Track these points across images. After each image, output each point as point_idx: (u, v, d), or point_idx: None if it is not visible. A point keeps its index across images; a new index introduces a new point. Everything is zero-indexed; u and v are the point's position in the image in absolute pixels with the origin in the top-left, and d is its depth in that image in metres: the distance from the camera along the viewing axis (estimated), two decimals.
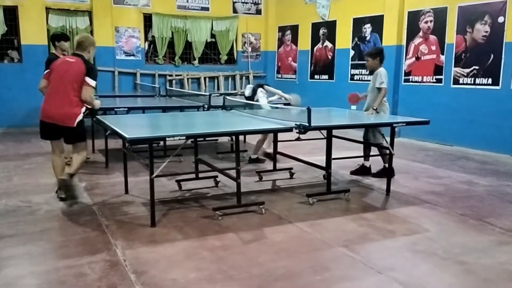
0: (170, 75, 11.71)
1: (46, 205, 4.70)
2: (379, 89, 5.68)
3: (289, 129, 4.44)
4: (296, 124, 4.38)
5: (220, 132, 4.82)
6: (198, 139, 5.81)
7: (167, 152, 6.65)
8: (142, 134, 4.27)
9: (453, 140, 8.23)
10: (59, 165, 4.86)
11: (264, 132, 4.93)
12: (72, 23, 10.54)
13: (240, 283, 3.08)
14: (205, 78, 12.06)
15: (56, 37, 6.45)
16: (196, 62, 12.07)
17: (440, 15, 8.42)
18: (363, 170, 6.03)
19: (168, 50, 11.83)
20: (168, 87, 10.26)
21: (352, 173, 6.06)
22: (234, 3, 12.36)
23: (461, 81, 8.16)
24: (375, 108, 5.65)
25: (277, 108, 6.31)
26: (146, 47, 11.66)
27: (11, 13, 9.96)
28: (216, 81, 12.30)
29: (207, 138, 7.69)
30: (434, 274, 3.25)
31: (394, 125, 5.05)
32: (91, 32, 10.72)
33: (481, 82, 7.85)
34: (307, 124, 4.26)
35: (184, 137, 4.05)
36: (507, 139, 7.44)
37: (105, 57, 10.89)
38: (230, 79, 12.49)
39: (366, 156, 5.97)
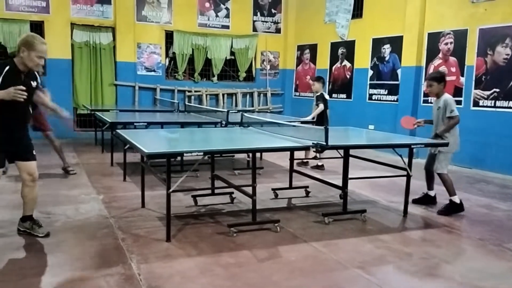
0: (189, 91, 11.86)
1: (64, 216, 4.77)
2: (450, 117, 5.26)
3: (307, 148, 4.44)
4: (313, 143, 4.39)
5: (237, 149, 4.85)
6: (215, 155, 5.84)
7: (184, 167, 6.72)
8: (161, 149, 4.33)
9: (472, 163, 8.11)
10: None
11: (282, 150, 4.94)
12: (96, 39, 10.81)
13: None
14: (223, 95, 12.18)
15: None
16: (215, 78, 12.22)
17: (460, 37, 8.40)
18: (427, 199, 5.63)
19: (188, 67, 12.02)
20: (187, 103, 10.39)
21: (415, 201, 5.59)
22: (254, 21, 12.53)
23: (481, 104, 8.07)
24: (439, 134, 5.29)
25: (294, 126, 6.33)
26: (167, 63, 11.86)
27: (38, 28, 10.27)
28: (234, 97, 12.40)
29: (224, 154, 7.74)
30: None
31: (412, 146, 5.01)
32: (114, 48, 10.99)
33: (501, 105, 7.76)
34: (325, 143, 4.26)
35: (201, 153, 4.08)
36: None
37: (126, 72, 11.14)
38: (248, 96, 12.59)
39: (430, 185, 5.65)
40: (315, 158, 7.59)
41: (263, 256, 3.84)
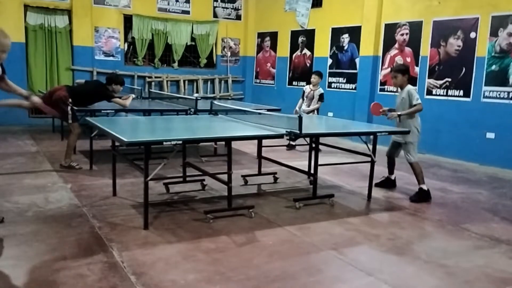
0: (150, 77, 11.70)
1: (34, 206, 4.68)
2: (415, 105, 5.57)
3: (280, 136, 4.59)
4: (287, 131, 4.53)
5: (217, 137, 4.94)
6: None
7: (151, 155, 6.68)
8: (136, 138, 4.34)
9: (426, 148, 8.56)
10: None
11: (260, 138, 5.06)
12: (51, 22, 10.41)
13: (238, 284, 3.20)
14: (184, 81, 12.10)
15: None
16: (175, 64, 12.11)
17: (415, 28, 8.79)
18: (388, 183, 6.00)
19: (148, 52, 11.82)
20: (147, 89, 10.25)
21: (377, 185, 5.90)
22: (214, 7, 12.47)
23: (434, 92, 8.53)
24: (399, 114, 5.57)
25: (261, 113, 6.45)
26: (126, 48, 11.61)
27: None
28: (195, 84, 12.36)
29: None
30: (419, 277, 3.46)
31: (378, 134, 5.28)
32: (70, 31, 10.63)
33: (453, 94, 8.24)
34: (298, 131, 4.42)
35: (180, 141, 4.14)
36: (475, 149, 7.85)
37: (83, 57, 10.83)
38: (209, 82, 12.57)
39: (391, 170, 5.99)
40: (288, 145, 7.78)
41: (242, 241, 3.98)
